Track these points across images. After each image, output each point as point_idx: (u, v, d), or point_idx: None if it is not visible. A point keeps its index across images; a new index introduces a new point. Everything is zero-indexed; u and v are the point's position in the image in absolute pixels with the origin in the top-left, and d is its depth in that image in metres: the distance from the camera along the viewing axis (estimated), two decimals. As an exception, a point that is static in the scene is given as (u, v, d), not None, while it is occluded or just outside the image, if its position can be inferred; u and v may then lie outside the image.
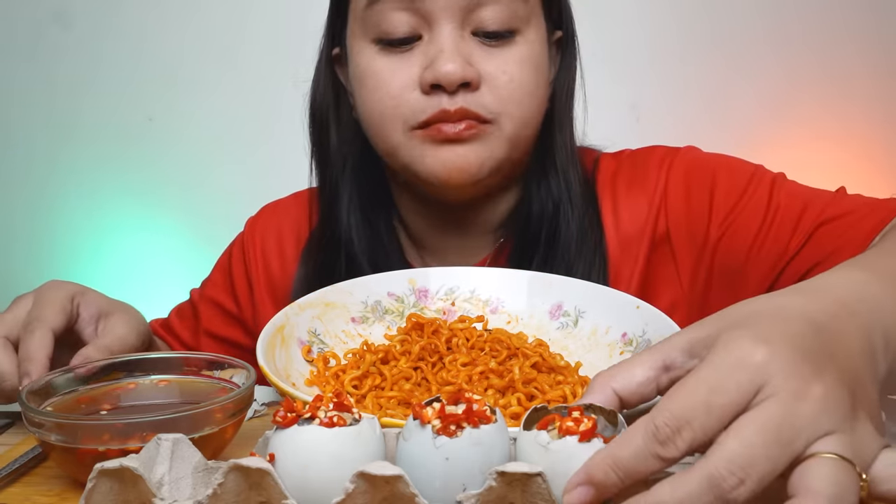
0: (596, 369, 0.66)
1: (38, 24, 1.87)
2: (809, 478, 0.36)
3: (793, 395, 0.37)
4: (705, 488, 0.36)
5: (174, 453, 0.45)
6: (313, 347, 0.67)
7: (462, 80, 0.71)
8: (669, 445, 0.38)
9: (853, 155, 1.77)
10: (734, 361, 0.39)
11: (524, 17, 0.75)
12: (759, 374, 0.38)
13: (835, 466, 0.36)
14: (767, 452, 0.36)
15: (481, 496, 0.41)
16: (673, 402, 0.39)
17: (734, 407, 0.38)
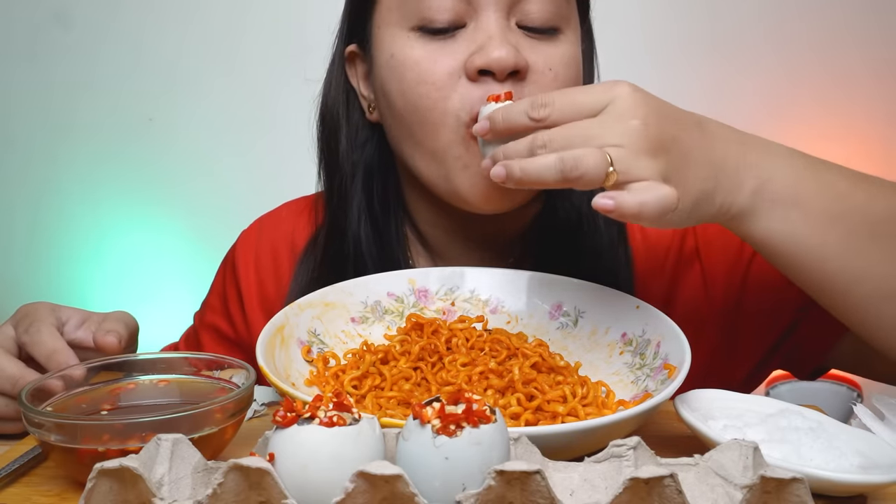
0: (596, 369, 0.66)
1: (37, 24, 1.88)
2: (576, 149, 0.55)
3: (616, 117, 0.56)
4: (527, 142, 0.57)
5: (174, 453, 0.45)
6: (313, 347, 0.67)
7: (514, 66, 0.68)
8: (536, 110, 0.58)
9: (854, 154, 1.76)
10: (606, 85, 0.58)
11: (566, 17, 0.73)
12: (613, 96, 0.56)
13: (596, 150, 0.54)
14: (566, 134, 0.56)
15: (481, 496, 0.41)
16: (557, 91, 0.59)
17: (587, 107, 0.57)
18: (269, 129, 1.85)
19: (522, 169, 0.56)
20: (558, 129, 0.56)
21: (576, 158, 0.53)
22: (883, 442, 0.54)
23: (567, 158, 0.54)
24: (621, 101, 0.56)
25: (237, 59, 1.85)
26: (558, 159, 0.54)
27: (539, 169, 0.55)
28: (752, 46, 1.79)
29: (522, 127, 0.58)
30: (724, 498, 0.45)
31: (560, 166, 0.54)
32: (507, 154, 0.58)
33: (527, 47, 0.70)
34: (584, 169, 0.53)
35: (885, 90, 1.79)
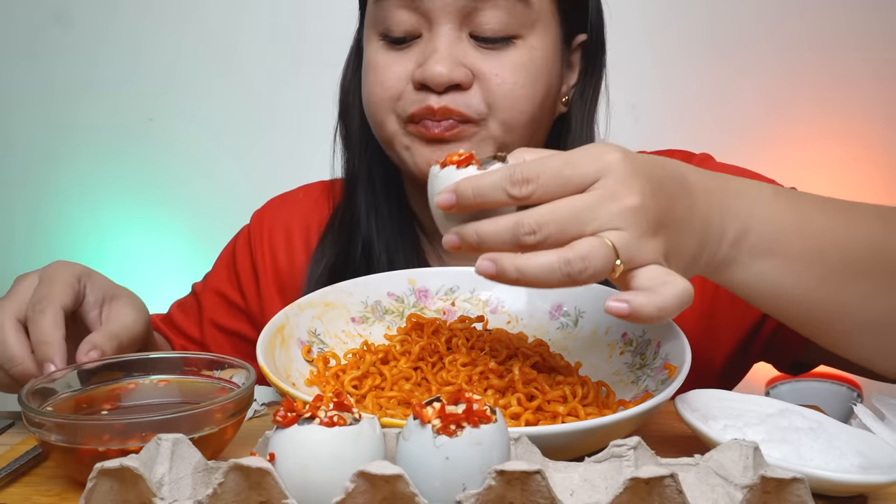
0: (596, 369, 0.66)
1: (37, 24, 1.88)
2: (577, 242, 0.48)
3: (611, 194, 0.49)
4: (509, 225, 0.49)
5: (174, 453, 0.45)
6: (313, 347, 0.67)
7: (448, 82, 0.73)
8: (516, 187, 0.49)
9: (853, 154, 1.77)
10: (593, 154, 0.50)
11: (527, 23, 0.75)
12: (603, 169, 0.49)
13: (598, 242, 0.48)
14: (560, 220, 0.48)
15: (481, 496, 0.41)
16: (535, 161, 0.50)
17: (575, 182, 0.49)
18: (269, 130, 1.86)
19: (519, 270, 0.48)
20: (547, 212, 0.49)
21: (584, 259, 0.47)
22: (883, 442, 0.54)
23: (573, 260, 0.47)
24: (613, 175, 0.49)
25: (236, 59, 1.85)
26: (563, 261, 0.47)
27: (539, 272, 0.48)
28: (751, 46, 1.79)
29: (498, 204, 0.50)
30: (724, 498, 0.45)
31: (567, 269, 0.47)
32: (482, 236, 0.50)
33: (477, 57, 0.74)
34: (593, 270, 0.47)
35: (885, 90, 1.79)
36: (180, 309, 0.96)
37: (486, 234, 0.50)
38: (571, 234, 0.48)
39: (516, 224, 0.49)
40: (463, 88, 0.74)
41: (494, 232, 0.50)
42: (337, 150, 0.89)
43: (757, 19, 1.78)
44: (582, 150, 0.51)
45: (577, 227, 0.48)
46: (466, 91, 0.74)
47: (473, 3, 0.73)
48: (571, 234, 0.48)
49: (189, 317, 0.94)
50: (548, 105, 0.80)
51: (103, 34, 1.86)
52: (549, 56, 0.77)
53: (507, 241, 0.49)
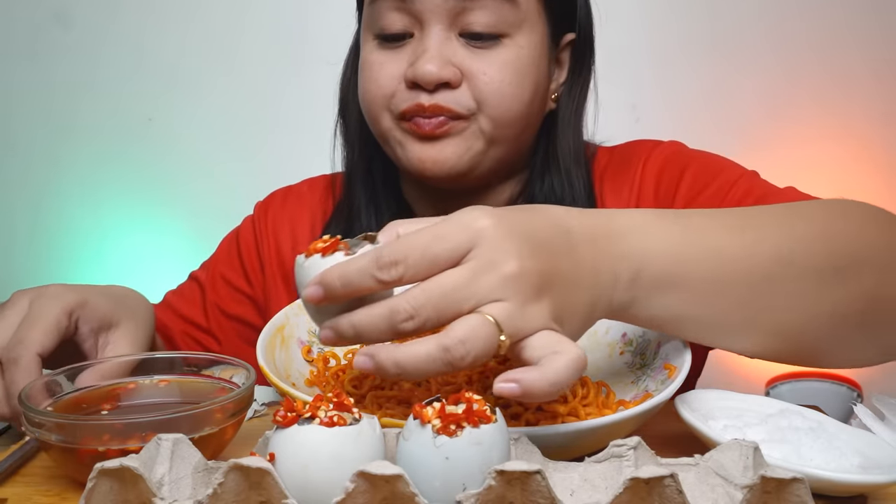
0: (596, 369, 0.66)
1: (37, 24, 1.88)
2: (455, 324, 0.45)
3: (486, 264, 0.46)
4: (385, 314, 0.45)
5: (174, 453, 0.45)
6: (313, 347, 0.67)
7: (438, 80, 0.75)
8: (385, 272, 0.46)
9: (853, 154, 1.77)
10: (461, 223, 0.47)
11: (514, 23, 0.77)
12: (474, 238, 0.46)
13: (478, 320, 0.45)
14: (436, 302, 0.45)
15: (481, 495, 0.41)
16: (402, 239, 0.47)
17: (446, 257, 0.46)
18: (270, 130, 1.86)
19: (398, 364, 0.45)
20: (421, 293, 0.45)
21: (462, 343, 0.44)
22: (883, 442, 0.54)
23: (452, 346, 0.44)
24: (487, 242, 0.46)
25: (237, 59, 1.85)
26: (441, 349, 0.44)
27: (418, 363, 0.44)
28: (751, 46, 1.79)
29: (367, 291, 0.47)
30: (724, 498, 0.45)
31: (446, 358, 0.44)
32: (358, 327, 0.47)
33: (465, 56, 0.76)
34: (476, 353, 0.44)
35: (884, 90, 1.79)
36: (179, 296, 0.95)
37: (361, 325, 0.47)
38: (450, 315, 0.45)
39: (391, 311, 0.45)
40: (452, 87, 0.76)
41: (370, 322, 0.46)
42: (337, 145, 0.91)
43: (757, 19, 1.78)
44: (452, 218, 0.48)
45: (454, 306, 0.45)
46: (456, 89, 0.76)
47: (462, 4, 0.75)
48: (450, 314, 0.45)
49: (191, 302, 0.94)
50: (536, 102, 0.81)
51: (104, 34, 1.87)
52: (536, 54, 0.79)
53: (384, 332, 0.46)
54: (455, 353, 0.44)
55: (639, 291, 0.54)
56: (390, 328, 0.46)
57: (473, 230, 0.46)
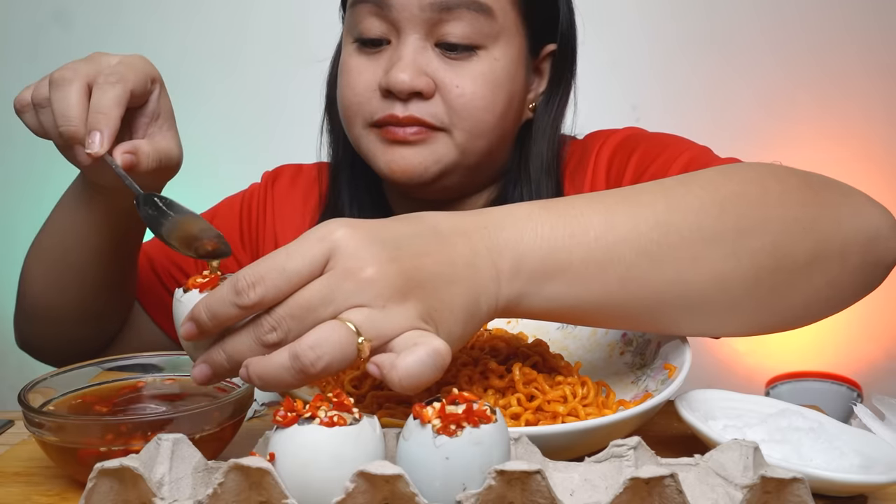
0: (596, 369, 0.66)
1: (38, 24, 1.88)
2: (309, 332, 0.44)
3: (344, 272, 0.45)
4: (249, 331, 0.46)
5: (174, 453, 0.45)
6: (313, 347, 0.67)
7: (411, 90, 0.76)
8: (244, 296, 0.45)
9: (853, 154, 1.76)
10: (316, 237, 0.46)
11: (490, 34, 0.77)
12: (331, 248, 0.46)
13: (332, 325, 0.44)
14: (296, 312, 0.45)
15: (481, 495, 0.41)
16: (259, 262, 0.46)
17: (304, 272, 0.45)
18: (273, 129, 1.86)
19: (260, 376, 0.45)
20: (282, 307, 0.45)
21: (313, 348, 0.43)
22: (883, 442, 0.54)
23: (302, 352, 0.43)
24: (343, 251, 0.46)
25: (239, 60, 1.85)
26: (292, 357, 0.44)
27: (276, 373, 0.44)
28: (751, 46, 1.79)
29: (234, 319, 0.46)
30: (724, 498, 0.45)
31: (298, 365, 0.43)
32: (230, 353, 0.46)
33: (440, 67, 0.77)
34: (329, 358, 0.43)
35: (884, 90, 1.79)
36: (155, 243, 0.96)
37: (230, 350, 0.46)
38: (310, 324, 0.45)
39: (255, 327, 0.46)
40: (425, 97, 0.77)
41: (237, 342, 0.46)
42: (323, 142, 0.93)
43: (757, 19, 1.78)
44: (308, 234, 0.47)
45: (313, 315, 0.45)
46: (429, 100, 0.77)
47: (439, 15, 0.76)
48: (310, 323, 0.45)
49: None
50: (511, 113, 0.82)
51: (104, 34, 1.86)
52: (512, 66, 0.80)
53: (252, 348, 0.46)
54: (305, 359, 0.43)
55: (524, 284, 0.52)
56: (256, 343, 0.45)
57: (329, 241, 0.46)
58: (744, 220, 0.55)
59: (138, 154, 0.64)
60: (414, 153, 0.78)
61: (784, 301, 0.57)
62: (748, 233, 0.55)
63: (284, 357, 0.44)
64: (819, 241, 0.57)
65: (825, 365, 1.77)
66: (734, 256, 0.54)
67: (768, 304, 0.57)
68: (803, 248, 0.56)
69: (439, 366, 0.45)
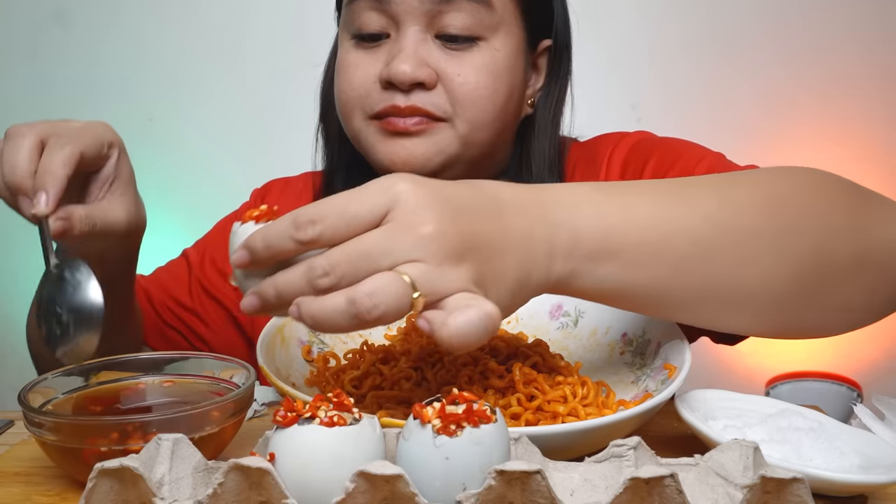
0: (596, 369, 0.66)
1: (37, 24, 1.88)
2: (366, 279, 0.45)
3: (405, 225, 0.46)
4: (303, 271, 0.46)
5: (174, 453, 0.45)
6: (313, 347, 0.67)
7: (413, 80, 0.75)
8: (302, 231, 0.46)
9: (853, 154, 1.77)
10: (380, 187, 0.47)
11: (490, 25, 0.77)
12: (393, 200, 0.46)
13: (390, 277, 0.45)
14: (352, 259, 0.45)
15: (481, 495, 0.41)
16: (321, 201, 0.47)
17: (364, 218, 0.46)
18: (271, 130, 1.86)
19: (312, 316, 0.45)
20: (338, 251, 0.46)
21: (371, 296, 0.44)
22: (883, 442, 0.54)
23: (360, 299, 0.44)
24: (404, 204, 0.46)
25: (238, 59, 1.85)
26: (349, 301, 0.44)
27: (329, 315, 0.45)
28: (751, 46, 1.79)
29: (289, 252, 0.47)
30: (724, 498, 0.45)
31: (353, 310, 0.44)
32: (280, 289, 0.47)
33: (440, 58, 0.77)
34: (385, 308, 0.44)
35: (885, 90, 1.79)
36: (168, 272, 0.95)
37: (282, 286, 0.47)
38: (365, 272, 0.45)
39: (309, 268, 0.46)
40: (427, 88, 0.76)
41: (290, 281, 0.47)
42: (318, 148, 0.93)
43: (757, 19, 1.78)
44: (371, 183, 0.48)
45: (369, 263, 0.45)
46: (431, 91, 0.77)
47: (438, 7, 0.76)
48: (365, 272, 0.45)
49: (178, 279, 0.94)
50: (511, 106, 0.81)
51: (104, 34, 1.87)
52: (511, 58, 0.79)
53: (302, 288, 0.46)
54: (362, 305, 0.44)
55: (578, 263, 0.53)
56: (308, 284, 0.46)
57: (392, 193, 0.47)
58: (791, 221, 0.56)
59: (71, 219, 0.63)
60: (416, 144, 0.77)
61: (823, 304, 0.58)
62: (794, 234, 0.56)
63: (341, 301, 0.45)
64: (861, 247, 0.58)
65: (825, 365, 1.77)
66: (779, 256, 0.56)
67: (808, 306, 0.58)
68: (846, 253, 0.57)
69: (489, 329, 0.45)
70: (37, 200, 0.61)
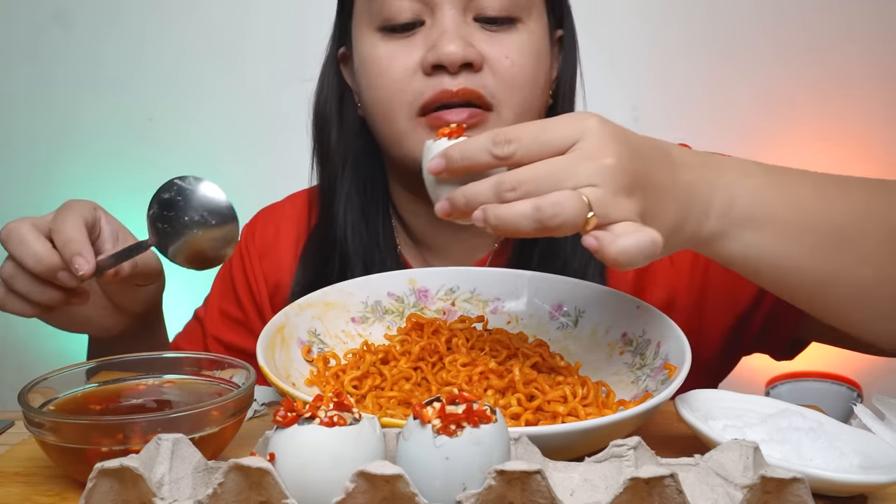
0: (596, 369, 0.66)
1: (38, 24, 1.87)
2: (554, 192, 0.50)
3: (589, 154, 0.51)
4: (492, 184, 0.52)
5: (174, 453, 0.45)
6: (313, 347, 0.67)
7: (464, 59, 0.72)
8: (499, 147, 0.52)
9: (853, 154, 1.76)
10: (572, 118, 0.53)
11: (525, 7, 0.76)
12: (582, 131, 0.52)
13: (571, 192, 0.50)
14: (538, 177, 0.51)
15: (481, 495, 0.41)
16: (517, 126, 0.53)
17: (555, 144, 0.52)
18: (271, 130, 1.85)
19: (498, 217, 0.51)
20: (526, 170, 0.51)
21: (554, 206, 0.49)
22: (883, 442, 0.54)
23: (545, 206, 0.49)
24: (591, 137, 0.52)
25: (238, 59, 1.85)
26: (534, 208, 0.50)
27: (515, 218, 0.50)
28: (751, 47, 1.79)
29: (483, 165, 0.54)
30: (724, 498, 0.45)
31: (538, 216, 0.49)
32: (469, 197, 0.53)
33: (483, 40, 0.74)
34: (564, 217, 0.49)
35: (884, 91, 1.79)
36: (184, 337, 0.94)
37: (471, 194, 0.53)
38: (548, 190, 0.50)
39: (498, 182, 0.52)
40: (475, 69, 0.73)
41: (479, 191, 0.53)
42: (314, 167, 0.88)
43: (757, 20, 1.78)
44: (562, 116, 0.54)
45: (553, 183, 0.50)
46: (479, 73, 0.74)
47: None
48: (547, 190, 0.50)
49: (194, 342, 0.93)
50: (546, 92, 0.81)
51: (104, 34, 1.86)
52: (543, 41, 0.79)
53: (490, 199, 0.52)
54: (545, 211, 0.49)
55: (728, 225, 0.57)
56: (495, 195, 0.52)
57: (582, 125, 0.52)
58: None
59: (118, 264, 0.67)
60: None
61: None
62: None
63: (526, 206, 0.50)
64: None
65: (825, 365, 1.77)
66: None
67: None
68: None
69: (653, 254, 0.50)
70: (77, 266, 0.63)
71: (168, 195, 0.67)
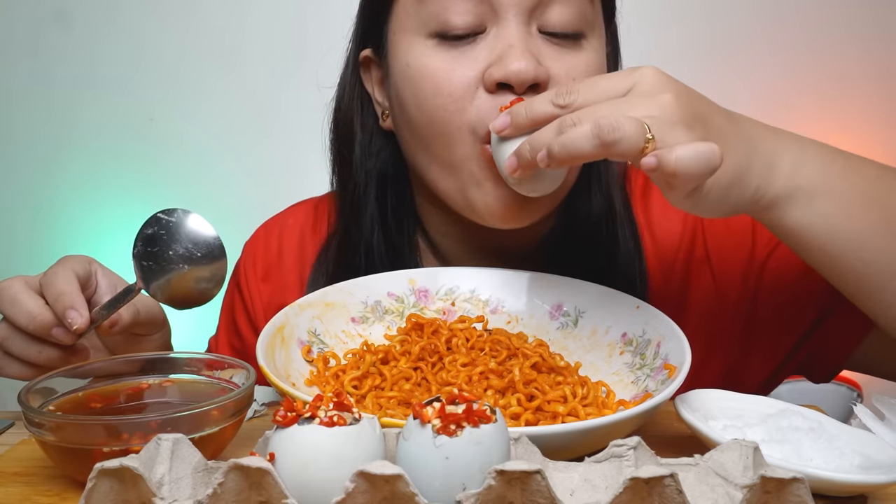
0: (596, 369, 0.66)
1: (38, 24, 1.87)
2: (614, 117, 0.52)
3: (645, 93, 0.55)
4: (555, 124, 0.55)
5: (174, 453, 0.45)
6: (313, 347, 0.67)
7: (534, 80, 0.65)
8: (561, 97, 0.56)
9: (853, 155, 1.77)
10: (629, 70, 0.57)
11: (591, 22, 0.70)
12: (637, 79, 0.56)
13: (632, 118, 0.52)
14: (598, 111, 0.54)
15: (481, 495, 0.41)
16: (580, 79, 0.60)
17: (614, 89, 0.56)
18: (271, 130, 1.86)
19: (561, 143, 0.53)
20: (585, 109, 0.55)
21: (614, 129, 0.51)
22: (883, 442, 0.54)
23: (605, 126, 0.51)
24: (647, 81, 0.55)
25: (239, 59, 1.85)
26: (595, 126, 0.52)
27: (576, 140, 0.53)
28: (749, 48, 1.79)
29: (547, 116, 0.57)
30: (724, 498, 0.45)
31: (599, 133, 0.52)
32: (533, 142, 0.56)
33: (549, 55, 0.67)
34: (622, 133, 0.51)
35: (883, 91, 1.79)
36: None
37: (535, 140, 0.56)
38: None
39: (560, 122, 0.55)
40: (540, 90, 0.65)
41: (543, 133, 0.56)
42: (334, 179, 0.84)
43: (755, 21, 1.78)
44: (616, 72, 0.58)
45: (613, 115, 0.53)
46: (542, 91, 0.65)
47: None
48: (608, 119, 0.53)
49: None
50: None
51: (104, 34, 1.86)
52: (604, 59, 0.73)
53: (554, 139, 0.54)
54: (605, 130, 0.51)
55: (795, 190, 0.58)
56: (558, 134, 0.54)
57: (636, 75, 0.56)
58: None
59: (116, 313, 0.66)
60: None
61: None
62: None
63: (587, 128, 0.52)
64: None
65: (825, 365, 1.77)
66: None
67: None
68: None
69: (713, 164, 0.51)
70: (70, 320, 0.62)
71: (151, 230, 0.64)
